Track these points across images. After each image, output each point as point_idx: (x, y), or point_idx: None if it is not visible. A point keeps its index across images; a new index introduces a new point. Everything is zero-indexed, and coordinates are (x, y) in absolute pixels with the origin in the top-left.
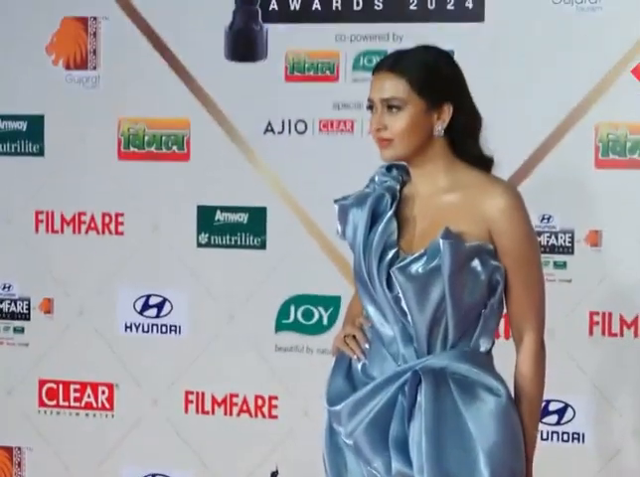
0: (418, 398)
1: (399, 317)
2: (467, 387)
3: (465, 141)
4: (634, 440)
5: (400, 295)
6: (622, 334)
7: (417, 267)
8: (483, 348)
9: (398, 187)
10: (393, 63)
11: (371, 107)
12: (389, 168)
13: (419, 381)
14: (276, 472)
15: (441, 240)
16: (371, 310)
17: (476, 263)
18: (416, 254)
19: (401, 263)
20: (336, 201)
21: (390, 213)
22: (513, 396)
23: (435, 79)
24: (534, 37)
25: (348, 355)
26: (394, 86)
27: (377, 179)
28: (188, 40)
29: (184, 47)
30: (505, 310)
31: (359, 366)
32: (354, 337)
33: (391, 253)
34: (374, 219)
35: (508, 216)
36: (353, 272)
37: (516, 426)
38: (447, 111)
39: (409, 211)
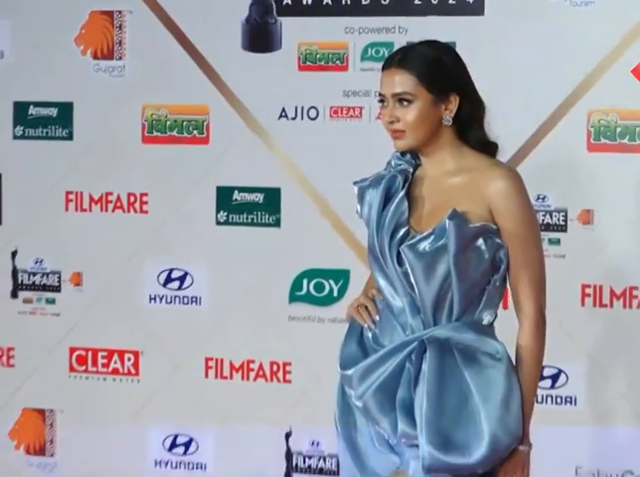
0: (423, 366)
1: (407, 290)
2: (470, 354)
3: (471, 128)
4: (622, 403)
5: (409, 271)
6: (612, 305)
7: (425, 245)
8: (486, 321)
9: (410, 170)
10: (401, 59)
11: (382, 101)
12: (403, 152)
13: (425, 349)
14: (290, 433)
15: (448, 221)
16: (382, 283)
17: (480, 242)
18: (425, 233)
19: (411, 242)
20: (355, 183)
21: (401, 193)
22: (514, 362)
23: (441, 72)
24: (530, 30)
25: (360, 323)
26: (403, 82)
27: (393, 163)
28: (207, 31)
29: (203, 38)
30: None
31: (370, 334)
32: (366, 307)
33: (401, 232)
34: (387, 198)
35: (508, 197)
36: (367, 248)
37: (515, 390)
38: (454, 101)
39: (419, 191)
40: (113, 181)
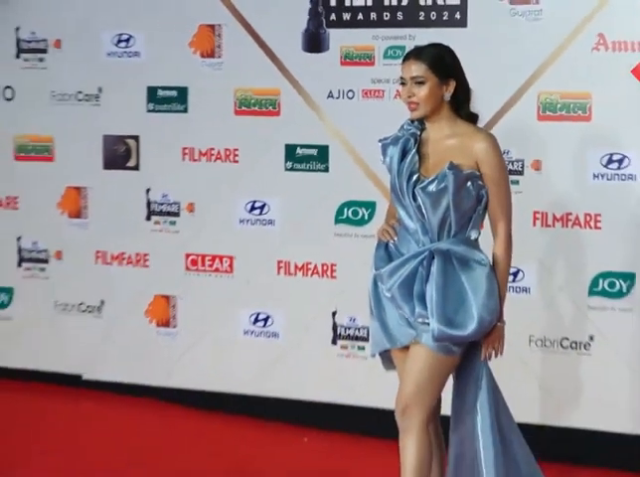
0: (432, 269)
1: (419, 218)
2: (464, 261)
3: (462, 104)
4: (561, 292)
5: (421, 204)
6: (554, 225)
7: (432, 187)
8: (473, 236)
9: (418, 133)
10: (416, 53)
11: (402, 83)
12: (412, 120)
13: (433, 257)
14: (335, 312)
15: (447, 171)
16: (402, 213)
17: (469, 184)
18: (431, 178)
19: (422, 185)
20: (379, 140)
21: (413, 151)
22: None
23: (444, 63)
24: (499, 37)
25: (384, 241)
26: (418, 68)
27: (405, 127)
28: (279, 38)
29: (276, 42)
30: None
31: (393, 247)
32: (388, 232)
33: (414, 177)
34: (403, 154)
35: (488, 153)
36: (390, 188)
37: (494, 284)
38: (452, 85)
39: (425, 149)
40: (216, 140)
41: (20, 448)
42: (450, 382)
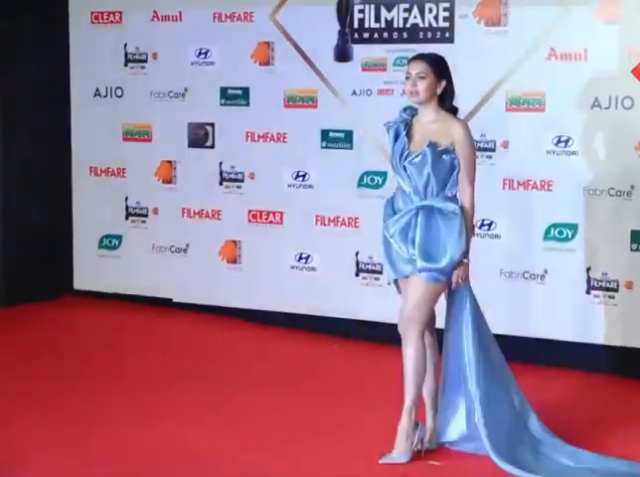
0: (419, 220)
1: (410, 183)
2: (443, 212)
3: (447, 99)
4: (523, 238)
5: (410, 173)
6: (518, 189)
7: (416, 160)
8: (451, 194)
9: (409, 119)
10: (420, 56)
11: (408, 78)
12: (405, 109)
13: (419, 212)
14: (358, 253)
15: (426, 147)
16: (399, 180)
17: (444, 157)
18: (416, 154)
19: (409, 159)
20: (385, 124)
21: (403, 133)
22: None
23: (440, 66)
24: (476, 50)
25: (393, 196)
26: (421, 67)
27: (400, 114)
28: (316, 51)
29: (314, 54)
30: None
31: (398, 205)
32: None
33: (405, 153)
34: (396, 136)
35: (462, 135)
36: (389, 161)
37: (463, 230)
38: (443, 84)
39: (415, 130)
40: (270, 126)
41: (125, 349)
42: (443, 303)
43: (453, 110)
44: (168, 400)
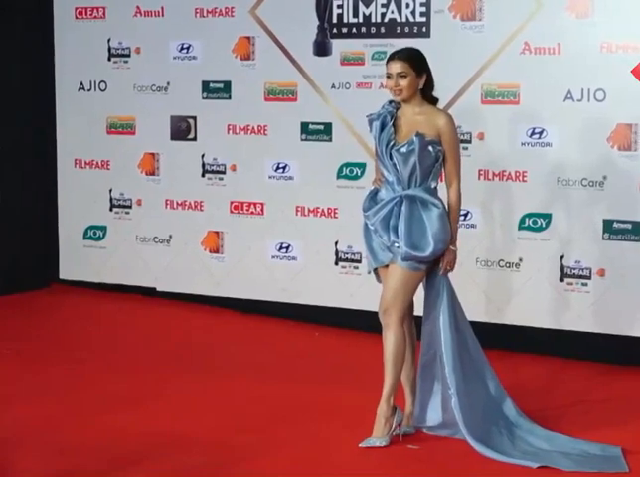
0: (402, 208)
1: (395, 172)
2: (425, 203)
3: (428, 92)
4: (498, 227)
5: (396, 162)
6: (494, 179)
7: (404, 149)
8: (433, 185)
9: (394, 111)
10: (399, 54)
11: (389, 77)
12: (390, 102)
13: (403, 200)
14: (337, 242)
15: (414, 137)
16: (383, 170)
17: (430, 148)
18: (403, 143)
19: (396, 148)
20: (367, 116)
21: (389, 124)
22: (447, 208)
23: (419, 61)
24: (452, 45)
25: (375, 187)
26: (402, 66)
27: (385, 106)
28: (296, 46)
29: (294, 49)
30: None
31: (379, 195)
32: (379, 181)
33: (391, 143)
34: (382, 127)
35: (447, 126)
36: (374, 152)
37: (446, 221)
38: (424, 78)
39: (400, 122)
40: (251, 119)
41: (111, 337)
42: (421, 291)
43: (434, 101)
44: (153, 387)
